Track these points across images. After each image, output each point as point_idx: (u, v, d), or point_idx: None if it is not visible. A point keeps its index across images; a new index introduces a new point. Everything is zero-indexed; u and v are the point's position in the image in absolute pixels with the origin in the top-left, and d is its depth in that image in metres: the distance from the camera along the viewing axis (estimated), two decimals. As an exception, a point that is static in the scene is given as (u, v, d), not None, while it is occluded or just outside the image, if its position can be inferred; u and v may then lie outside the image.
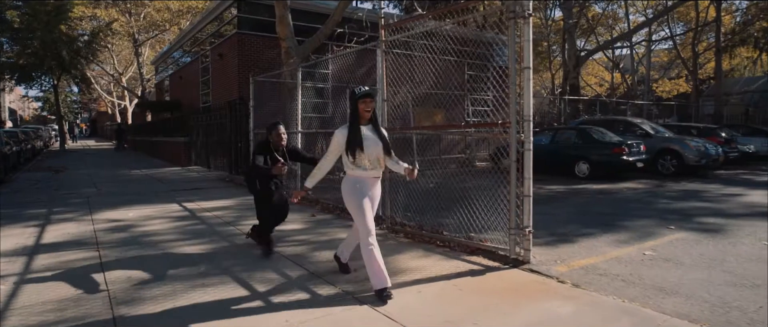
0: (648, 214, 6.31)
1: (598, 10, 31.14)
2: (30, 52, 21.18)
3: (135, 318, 2.96)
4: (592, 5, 29.65)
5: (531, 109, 3.73)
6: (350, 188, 3.28)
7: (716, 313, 2.95)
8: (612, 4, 30.86)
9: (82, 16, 24.66)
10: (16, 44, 21.73)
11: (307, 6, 14.65)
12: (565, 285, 3.44)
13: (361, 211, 3.21)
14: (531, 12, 3.68)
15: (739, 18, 30.63)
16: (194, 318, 2.94)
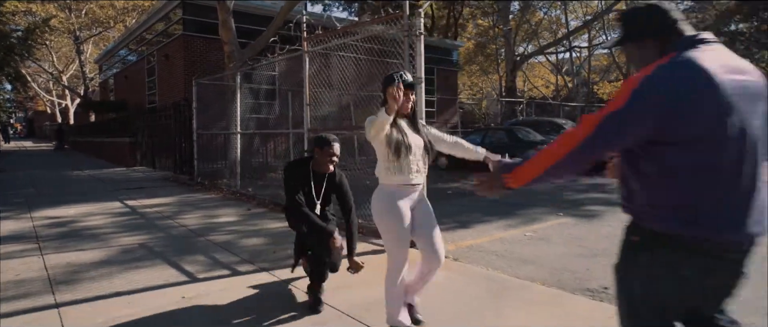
0: (546, 203, 7.24)
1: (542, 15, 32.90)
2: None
3: (73, 293, 3.44)
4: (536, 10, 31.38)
5: (423, 113, 4.44)
6: (386, 205, 2.48)
7: (554, 275, 3.76)
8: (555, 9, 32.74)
9: (15, 10, 23.74)
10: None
11: (251, 8, 14.99)
12: (447, 259, 4.18)
13: (395, 239, 2.48)
14: (422, 31, 4.40)
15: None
16: (128, 291, 3.45)
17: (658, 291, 1.36)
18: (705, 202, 1.27)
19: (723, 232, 1.27)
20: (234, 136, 8.33)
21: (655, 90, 1.25)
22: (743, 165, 1.26)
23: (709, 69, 1.23)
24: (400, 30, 4.37)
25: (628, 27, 1.48)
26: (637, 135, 1.29)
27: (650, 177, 1.33)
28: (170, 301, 3.27)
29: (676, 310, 1.39)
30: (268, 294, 3.42)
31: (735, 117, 1.24)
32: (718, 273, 1.33)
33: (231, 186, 8.64)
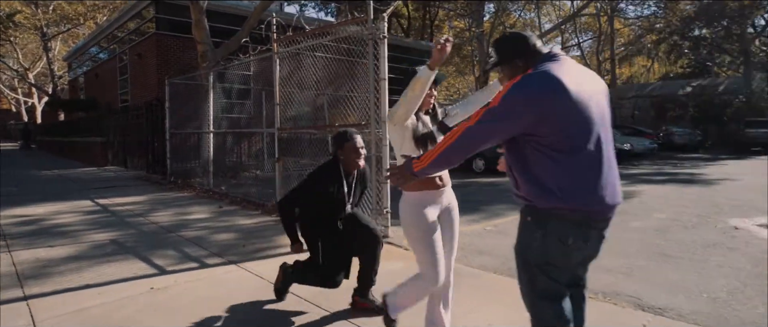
0: (511, 200, 7.53)
1: (517, 16, 33.55)
2: None
3: (41, 286, 3.54)
4: (510, 13, 32.01)
5: (387, 113, 4.67)
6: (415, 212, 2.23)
7: (506, 264, 4.03)
8: (529, 12, 33.46)
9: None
10: None
11: (225, 8, 15.00)
12: (408, 251, 4.42)
13: (429, 249, 2.24)
14: (385, 34, 4.62)
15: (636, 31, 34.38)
16: (98, 283, 3.57)
17: (551, 259, 1.62)
18: (574, 182, 1.55)
19: (593, 205, 1.57)
20: (207, 136, 8.41)
21: (519, 93, 1.56)
22: (597, 150, 1.57)
23: (560, 76, 1.55)
24: (365, 33, 4.58)
25: (501, 51, 1.81)
26: (510, 128, 1.59)
27: (529, 165, 1.61)
28: (139, 291, 3.40)
29: (565, 274, 1.67)
30: (236, 284, 3.59)
31: (584, 112, 1.55)
32: (591, 240, 1.62)
33: (204, 184, 8.72)
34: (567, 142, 1.55)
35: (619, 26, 32.73)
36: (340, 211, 2.93)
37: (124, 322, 2.87)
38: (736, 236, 4.95)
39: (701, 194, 8.08)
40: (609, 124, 1.66)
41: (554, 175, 1.56)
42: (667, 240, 4.82)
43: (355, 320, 2.84)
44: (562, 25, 29.32)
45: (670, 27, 26.59)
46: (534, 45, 1.74)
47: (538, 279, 1.67)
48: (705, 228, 5.38)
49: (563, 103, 1.53)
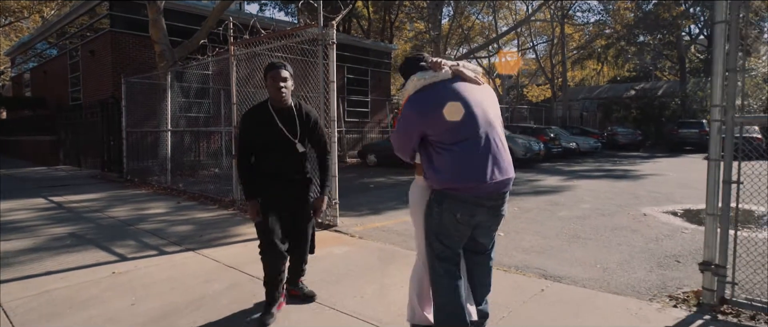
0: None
1: (475, 19, 34.58)
2: None
3: (3, 274, 3.76)
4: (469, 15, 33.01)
5: (335, 112, 5.10)
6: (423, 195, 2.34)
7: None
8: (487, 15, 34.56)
9: None
10: None
11: (183, 7, 14.98)
12: (353, 238, 4.87)
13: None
14: (334, 40, 5.04)
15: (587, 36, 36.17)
16: (59, 269, 3.83)
17: (444, 228, 2.12)
18: (463, 168, 2.03)
19: (476, 186, 2.06)
20: (164, 134, 8.56)
21: (412, 106, 2.15)
22: (485, 141, 2.06)
23: (442, 92, 2.11)
24: (315, 38, 4.99)
25: (404, 71, 2.34)
26: (414, 131, 2.14)
27: (431, 157, 2.10)
28: (102, 276, 3.69)
29: (457, 240, 2.18)
30: (193, 268, 3.92)
31: (472, 113, 2.06)
32: (478, 215, 2.11)
33: (161, 182, 8.86)
34: (459, 137, 2.09)
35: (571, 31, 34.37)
36: (284, 147, 2.79)
37: (89, 302, 3.17)
38: (641, 221, 5.67)
39: (627, 187, 8.92)
40: (499, 118, 2.21)
41: (448, 163, 2.10)
42: (583, 225, 5.48)
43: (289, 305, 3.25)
44: (518, 29, 30.51)
45: (618, 33, 28.27)
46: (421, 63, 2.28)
47: (434, 244, 2.17)
48: (619, 215, 6.10)
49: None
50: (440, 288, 2.20)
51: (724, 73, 2.69)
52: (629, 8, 26.60)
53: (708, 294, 2.86)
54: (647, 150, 22.37)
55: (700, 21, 27.18)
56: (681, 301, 3.00)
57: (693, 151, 19.71)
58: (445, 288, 2.18)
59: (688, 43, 28.75)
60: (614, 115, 29.08)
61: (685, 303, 2.97)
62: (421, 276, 2.43)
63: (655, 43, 29.11)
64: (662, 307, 2.92)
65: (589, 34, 34.41)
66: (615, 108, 29.42)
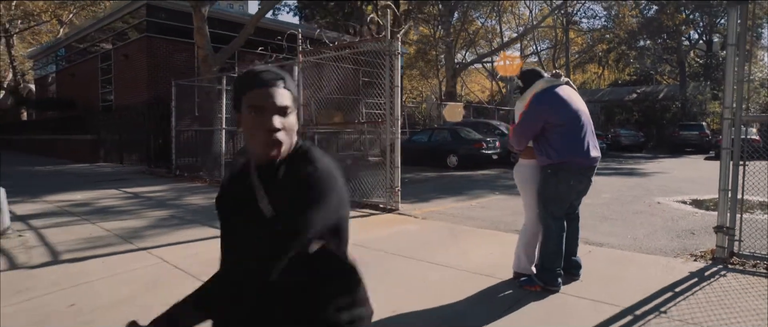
0: (487, 187, 9.04)
1: (480, 24, 35.50)
2: None
3: (145, 242, 4.64)
4: (474, 20, 33.95)
5: (398, 112, 5.99)
6: (529, 172, 3.28)
7: (493, 224, 5.43)
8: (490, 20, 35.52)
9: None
10: None
11: (224, 16, 15.91)
12: (417, 219, 5.76)
13: (533, 197, 3.25)
14: (399, 51, 5.94)
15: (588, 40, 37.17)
16: (191, 241, 4.71)
17: (560, 194, 3.05)
18: (576, 146, 2.96)
19: (583, 160, 2.97)
20: (218, 132, 9.44)
21: (544, 101, 3.02)
22: (587, 128, 3.03)
23: (560, 92, 2.97)
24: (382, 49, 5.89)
25: (527, 78, 3.21)
26: (540, 120, 3.02)
27: (550, 140, 3.01)
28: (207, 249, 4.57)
29: (566, 203, 3.11)
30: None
31: (579, 108, 2.97)
32: (583, 182, 3.03)
33: (214, 176, 9.72)
34: (570, 127, 3.05)
35: (574, 36, 35.39)
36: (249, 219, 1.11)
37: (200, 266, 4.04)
38: (657, 207, 6.58)
39: (638, 183, 9.83)
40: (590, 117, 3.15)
41: (563, 143, 3.02)
42: (608, 210, 6.38)
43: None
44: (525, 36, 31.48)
45: (619, 38, 29.28)
46: (540, 74, 3.21)
47: (550, 204, 3.08)
48: (636, 203, 7.00)
49: (565, 107, 3.06)
50: (553, 238, 3.11)
51: (733, 84, 3.60)
52: (633, 14, 27.57)
53: (720, 250, 3.76)
54: (650, 151, 23.33)
55: (700, 26, 28.23)
56: (699, 257, 3.90)
57: (693, 152, 20.66)
58: (556, 238, 3.10)
59: (687, 47, 29.76)
60: (617, 117, 30.05)
61: (703, 258, 3.87)
62: (529, 235, 3.33)
63: (655, 47, 30.13)
64: (685, 261, 3.82)
65: (591, 39, 35.43)
66: (617, 111, 30.40)
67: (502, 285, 3.40)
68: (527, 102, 3.13)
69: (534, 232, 3.34)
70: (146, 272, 3.76)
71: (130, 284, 3.48)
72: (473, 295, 3.20)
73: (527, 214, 3.40)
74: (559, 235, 3.13)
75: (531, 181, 3.28)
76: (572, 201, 3.23)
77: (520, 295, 3.14)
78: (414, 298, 3.13)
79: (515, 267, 3.43)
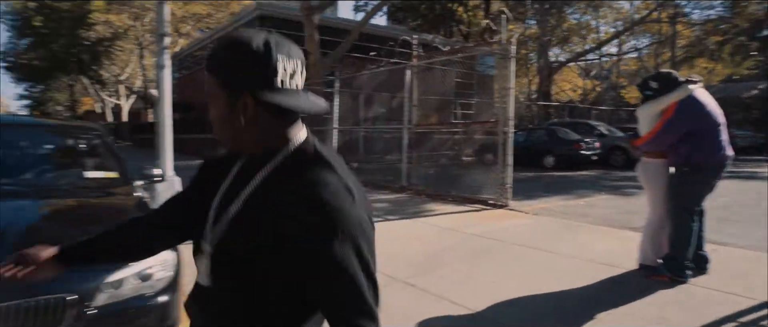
0: (591, 187, 9.01)
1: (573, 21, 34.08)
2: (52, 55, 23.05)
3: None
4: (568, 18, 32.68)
5: (512, 113, 6.32)
6: (655, 170, 3.52)
7: (605, 221, 5.58)
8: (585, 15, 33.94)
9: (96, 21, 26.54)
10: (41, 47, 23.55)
11: (329, 22, 17.04)
12: (528, 214, 6.05)
13: (660, 191, 3.48)
14: (513, 54, 6.26)
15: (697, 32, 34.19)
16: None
17: (697, 191, 3.31)
18: (716, 148, 3.19)
19: (720, 159, 3.22)
20: (331, 131, 10.34)
21: (690, 108, 3.25)
22: (724, 131, 3.24)
23: (701, 98, 3.20)
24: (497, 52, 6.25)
25: (666, 83, 3.41)
26: (685, 125, 3.25)
27: (694, 142, 3.25)
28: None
29: (701, 200, 3.34)
30: (422, 229, 5.33)
31: (716, 112, 3.20)
32: (716, 180, 3.25)
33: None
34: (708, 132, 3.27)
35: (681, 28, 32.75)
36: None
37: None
38: (786, 212, 6.26)
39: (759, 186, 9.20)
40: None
41: (704, 147, 3.26)
42: (729, 213, 6.19)
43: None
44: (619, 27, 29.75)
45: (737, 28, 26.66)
46: (677, 77, 3.41)
47: (687, 200, 3.32)
48: (762, 206, 6.68)
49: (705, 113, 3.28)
50: (685, 232, 3.34)
51: None
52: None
53: None
54: (772, 153, 21.10)
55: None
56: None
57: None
58: (688, 231, 3.33)
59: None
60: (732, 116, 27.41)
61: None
62: (654, 229, 3.55)
63: (782, 37, 27.00)
64: (822, 263, 3.78)
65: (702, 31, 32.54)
66: (732, 109, 27.69)
67: (627, 275, 3.64)
68: (670, 108, 3.32)
69: (659, 227, 3.55)
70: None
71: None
72: (600, 282, 3.49)
73: (652, 209, 3.60)
74: (691, 229, 3.32)
75: (658, 179, 3.49)
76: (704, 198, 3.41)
77: (648, 285, 3.38)
78: (544, 281, 3.50)
79: (641, 259, 3.65)
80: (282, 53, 0.82)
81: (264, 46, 0.81)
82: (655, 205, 3.56)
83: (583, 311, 2.92)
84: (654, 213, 3.58)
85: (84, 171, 3.18)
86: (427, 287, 3.38)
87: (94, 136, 3.52)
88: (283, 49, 0.83)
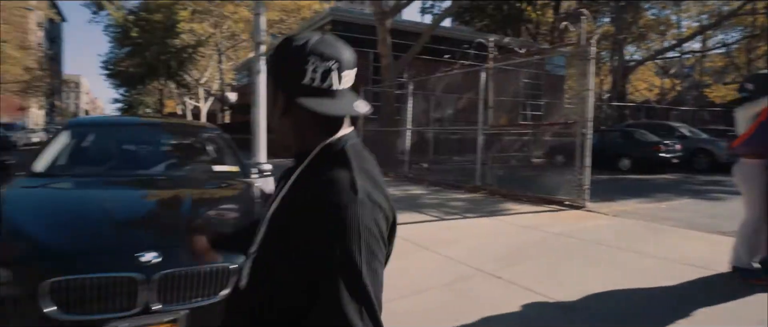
0: (672, 190, 8.69)
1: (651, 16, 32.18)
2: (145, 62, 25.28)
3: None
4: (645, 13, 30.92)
5: (591, 114, 6.31)
6: (752, 171, 3.44)
7: (690, 225, 5.45)
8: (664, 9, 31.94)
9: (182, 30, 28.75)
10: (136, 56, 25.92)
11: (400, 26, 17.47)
12: (607, 216, 6.02)
13: (758, 193, 3.41)
14: (593, 55, 6.25)
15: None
16: (403, 223, 5.72)
17: None
18: None
19: None
20: (404, 132, 10.67)
21: None
22: None
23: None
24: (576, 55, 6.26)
25: (758, 84, 3.38)
26: None
27: None
28: (439, 226, 5.46)
29: None
30: (502, 226, 5.50)
31: None
32: None
33: (398, 171, 10.95)
34: None
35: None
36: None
37: (451, 241, 4.89)
38: None
39: None
40: None
41: None
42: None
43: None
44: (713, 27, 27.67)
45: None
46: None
47: None
48: None
49: None
50: None
51: None
52: None
53: None
54: None
55: None
56: None
57: None
58: None
59: None
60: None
61: None
62: (749, 231, 3.52)
63: None
64: None
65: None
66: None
67: (719, 277, 3.63)
68: (765, 110, 3.30)
69: (755, 229, 3.50)
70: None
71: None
72: (690, 282, 3.52)
73: (748, 211, 3.57)
74: None
75: (755, 180, 3.46)
76: None
77: (743, 287, 3.37)
78: (633, 279, 3.57)
79: (734, 261, 3.62)
80: (315, 54, 0.83)
81: (299, 46, 0.84)
82: (752, 206, 3.52)
83: (678, 308, 2.99)
84: (750, 214, 3.54)
85: (213, 165, 3.68)
86: (513, 279, 3.57)
87: (217, 136, 4.04)
88: (318, 49, 0.83)
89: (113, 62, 32.63)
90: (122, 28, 25.91)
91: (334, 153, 0.87)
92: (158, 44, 24.36)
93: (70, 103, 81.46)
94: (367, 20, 17.20)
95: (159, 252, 2.06)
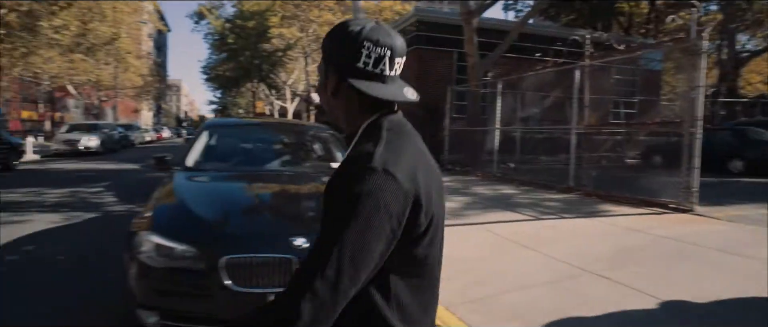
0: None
1: (766, 1, 28.84)
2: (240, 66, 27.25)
3: (470, 219, 5.88)
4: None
5: (701, 112, 5.95)
6: None
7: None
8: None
9: (273, 35, 30.60)
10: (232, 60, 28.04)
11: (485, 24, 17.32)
12: (720, 220, 5.66)
13: None
14: (705, 50, 5.89)
15: None
16: (500, 222, 5.78)
17: None
18: None
19: None
20: (492, 132, 10.63)
21: None
22: None
23: None
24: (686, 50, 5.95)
25: None
26: None
27: None
28: (535, 226, 5.47)
29: None
30: (601, 227, 5.39)
31: None
32: None
33: (486, 170, 10.91)
34: None
35: None
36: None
37: (550, 239, 4.88)
38: None
39: None
40: None
41: None
42: None
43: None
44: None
45: None
46: None
47: None
48: None
49: None
50: None
51: None
52: None
53: None
54: None
55: None
56: None
57: None
58: None
59: None
60: None
61: None
62: None
63: None
64: None
65: None
66: None
67: None
68: None
69: None
70: (487, 240, 4.92)
71: (482, 248, 4.65)
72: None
73: None
74: None
75: None
76: None
77: None
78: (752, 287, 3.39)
79: None
80: (370, 40, 0.86)
81: (356, 31, 0.87)
82: None
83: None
84: None
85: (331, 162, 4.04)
86: (622, 281, 3.55)
87: (330, 135, 4.41)
88: (373, 35, 0.87)
89: (211, 67, 35.53)
90: (220, 36, 28.17)
91: (370, 132, 0.89)
92: (252, 49, 26.16)
93: (172, 105, 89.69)
94: (451, 20, 17.21)
95: (307, 238, 2.38)
